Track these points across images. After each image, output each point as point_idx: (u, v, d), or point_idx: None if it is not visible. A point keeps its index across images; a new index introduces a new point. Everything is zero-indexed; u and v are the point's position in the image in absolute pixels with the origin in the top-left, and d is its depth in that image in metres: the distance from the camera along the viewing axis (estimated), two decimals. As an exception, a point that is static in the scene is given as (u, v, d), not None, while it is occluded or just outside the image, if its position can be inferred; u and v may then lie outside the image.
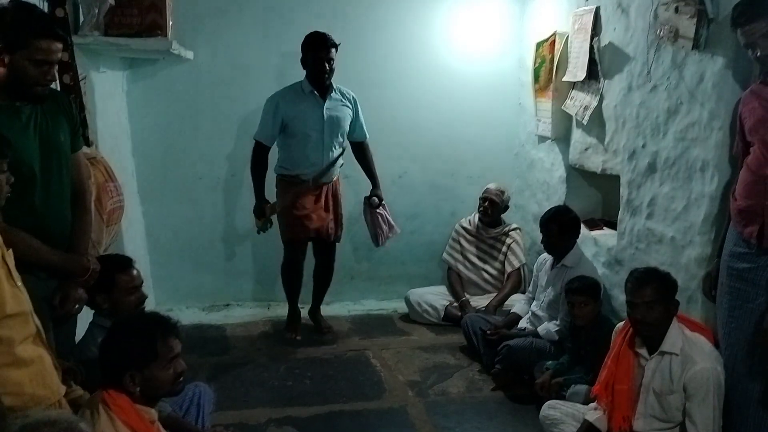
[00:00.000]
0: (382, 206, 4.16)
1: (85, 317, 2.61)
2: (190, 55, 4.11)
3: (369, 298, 4.90)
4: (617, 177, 3.57)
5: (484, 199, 4.44)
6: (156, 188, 4.49)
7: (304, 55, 3.84)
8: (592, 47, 3.67)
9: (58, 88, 2.71)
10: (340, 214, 4.18)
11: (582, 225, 3.69)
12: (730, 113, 2.69)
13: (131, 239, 4.01)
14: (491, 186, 4.47)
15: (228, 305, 4.73)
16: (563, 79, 4.01)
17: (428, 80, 4.69)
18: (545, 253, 3.72)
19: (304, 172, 3.93)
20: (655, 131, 3.19)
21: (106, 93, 3.83)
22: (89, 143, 3.01)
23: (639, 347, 2.63)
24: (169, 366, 2.02)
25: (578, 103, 3.89)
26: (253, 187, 3.97)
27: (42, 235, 2.24)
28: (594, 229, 3.92)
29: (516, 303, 4.03)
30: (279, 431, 3.13)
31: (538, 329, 3.59)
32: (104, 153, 3.28)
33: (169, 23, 3.51)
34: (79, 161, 2.49)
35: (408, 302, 4.59)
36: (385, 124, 4.50)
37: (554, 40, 4.09)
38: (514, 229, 4.51)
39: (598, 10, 3.65)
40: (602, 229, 3.93)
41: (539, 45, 4.27)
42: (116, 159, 3.56)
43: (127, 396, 1.94)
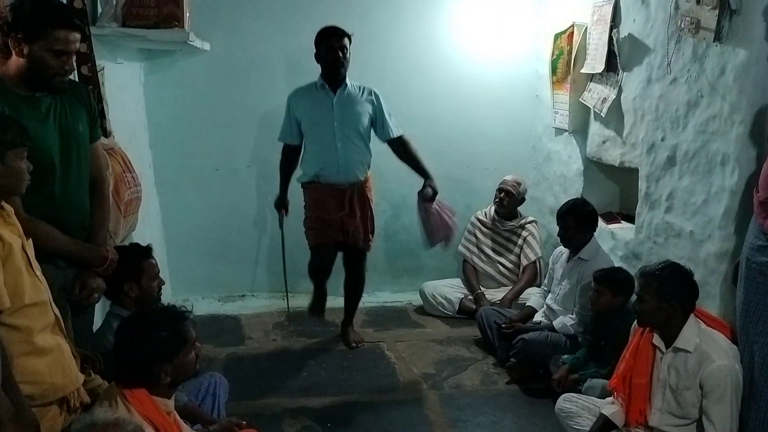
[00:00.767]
0: (437, 201, 3.81)
1: (101, 308, 2.64)
2: (206, 46, 4.13)
3: (384, 290, 4.89)
4: (635, 170, 3.53)
5: (500, 190, 4.42)
6: (172, 179, 4.53)
7: (317, 49, 3.69)
8: (611, 39, 3.63)
9: (76, 79, 2.73)
10: (370, 219, 3.88)
11: (599, 218, 3.66)
12: (752, 106, 2.65)
13: (148, 229, 4.03)
14: (508, 177, 4.45)
15: (243, 296, 4.77)
16: (581, 71, 3.97)
17: (444, 72, 4.67)
18: (561, 246, 3.69)
19: (320, 174, 3.74)
20: (674, 124, 3.15)
21: (124, 84, 3.85)
22: (107, 134, 3.04)
23: (657, 340, 2.61)
24: (191, 349, 2.07)
25: (596, 95, 3.85)
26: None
27: (61, 225, 2.27)
28: (611, 222, 3.89)
29: (531, 296, 4.02)
30: (294, 422, 3.15)
31: (554, 323, 3.58)
32: (121, 144, 3.30)
33: (186, 15, 3.52)
34: (97, 152, 2.51)
35: (422, 294, 4.59)
36: (402, 117, 4.44)
37: (572, 32, 4.05)
38: (530, 222, 4.49)
39: (617, 1, 3.60)
40: (620, 222, 3.90)
41: (557, 36, 4.23)
42: (133, 150, 3.59)
43: (146, 388, 1.96)
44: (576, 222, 3.51)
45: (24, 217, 2.02)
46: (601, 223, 3.70)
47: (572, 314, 3.50)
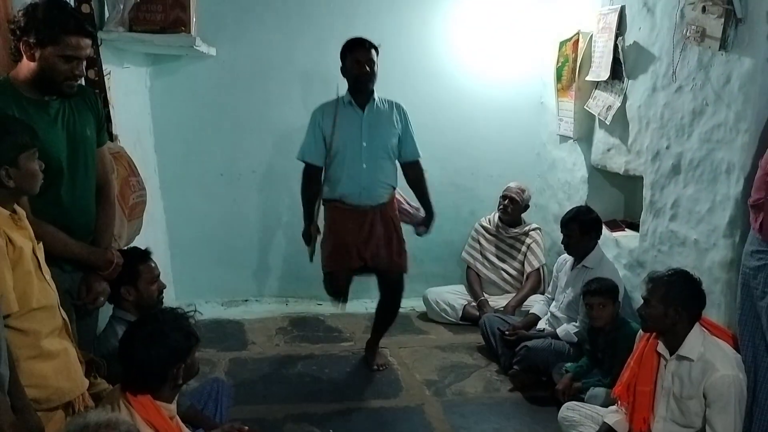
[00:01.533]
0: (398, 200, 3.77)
1: (105, 311, 2.64)
2: (213, 51, 4.14)
3: (387, 296, 4.88)
4: (640, 178, 3.53)
5: (504, 197, 4.42)
6: (177, 183, 4.53)
7: (342, 62, 3.50)
8: (616, 47, 3.63)
9: (83, 83, 2.74)
10: (397, 240, 3.66)
11: (603, 226, 3.65)
12: (757, 115, 2.65)
13: (152, 234, 4.04)
14: (512, 184, 4.45)
15: (247, 300, 4.76)
16: (586, 79, 3.98)
17: (449, 79, 4.68)
18: (565, 254, 3.69)
19: (345, 194, 3.54)
20: (679, 132, 3.15)
21: (130, 89, 3.86)
22: (113, 138, 3.05)
23: (661, 348, 2.61)
24: (197, 348, 2.11)
25: (601, 102, 3.85)
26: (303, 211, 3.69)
27: (67, 229, 2.28)
28: (616, 230, 3.88)
29: (535, 304, 4.01)
30: (296, 427, 3.15)
31: (557, 330, 3.57)
32: (127, 148, 3.30)
33: (193, 20, 3.54)
34: (103, 156, 2.52)
35: (426, 301, 4.58)
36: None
37: (577, 40, 4.06)
38: (534, 229, 4.49)
39: (623, 9, 3.62)
40: (624, 230, 3.90)
41: (562, 44, 4.23)
42: (138, 154, 3.60)
43: (150, 393, 1.96)
44: (580, 229, 3.50)
45: (31, 220, 2.03)
46: (605, 230, 3.70)
47: (576, 322, 3.50)
